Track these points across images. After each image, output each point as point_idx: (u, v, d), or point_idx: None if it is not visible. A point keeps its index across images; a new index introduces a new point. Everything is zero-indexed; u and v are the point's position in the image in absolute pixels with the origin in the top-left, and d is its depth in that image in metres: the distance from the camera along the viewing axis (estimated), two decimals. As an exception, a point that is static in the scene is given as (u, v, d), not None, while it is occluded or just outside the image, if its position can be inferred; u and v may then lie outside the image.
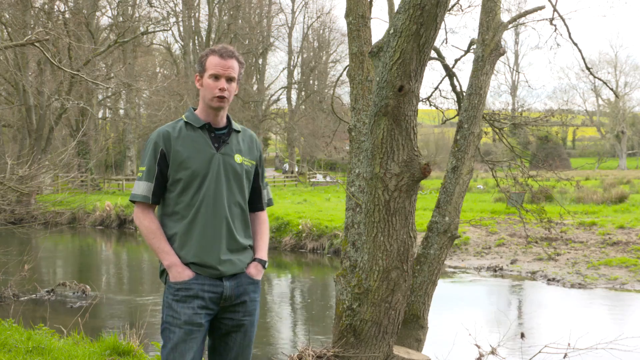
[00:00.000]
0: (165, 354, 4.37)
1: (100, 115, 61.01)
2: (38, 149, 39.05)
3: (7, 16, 36.25)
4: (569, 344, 9.29)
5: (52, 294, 17.63)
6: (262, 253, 4.66)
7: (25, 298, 17.07)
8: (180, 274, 4.31)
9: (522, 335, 10.68)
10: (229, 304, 4.44)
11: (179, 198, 4.39)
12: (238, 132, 4.60)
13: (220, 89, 4.44)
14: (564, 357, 9.29)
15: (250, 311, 4.53)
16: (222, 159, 4.45)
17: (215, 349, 4.54)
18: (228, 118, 4.62)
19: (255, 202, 4.75)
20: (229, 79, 4.47)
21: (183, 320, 4.31)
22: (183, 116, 4.53)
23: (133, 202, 4.41)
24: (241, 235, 4.53)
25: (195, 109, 4.57)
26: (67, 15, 43.73)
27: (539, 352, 9.28)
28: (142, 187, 4.37)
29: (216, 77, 4.44)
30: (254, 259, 4.61)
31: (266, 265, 4.67)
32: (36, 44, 15.29)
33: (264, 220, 4.79)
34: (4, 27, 39.25)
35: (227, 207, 4.45)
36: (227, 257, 4.42)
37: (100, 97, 55.69)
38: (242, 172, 4.54)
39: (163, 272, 4.43)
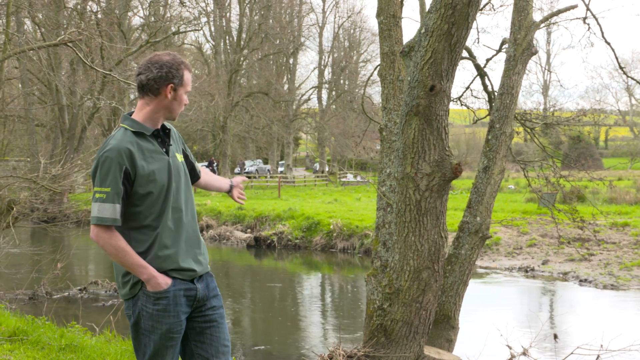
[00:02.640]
0: None
1: (132, 114, 61.37)
2: (70, 148, 39.38)
3: (41, 16, 36.54)
4: (601, 345, 9.23)
5: (84, 292, 17.77)
6: (227, 179, 5.15)
7: (58, 296, 17.22)
8: (160, 284, 4.30)
9: (555, 336, 10.63)
10: (201, 304, 4.49)
11: (148, 210, 4.33)
12: (170, 129, 4.58)
13: (185, 104, 4.50)
14: (597, 359, 9.24)
15: (217, 306, 4.57)
16: (173, 162, 4.44)
17: (193, 352, 4.52)
18: None
19: (193, 181, 4.87)
20: None
21: (165, 329, 4.34)
22: (125, 126, 4.38)
23: (99, 225, 4.26)
24: (198, 228, 4.62)
25: (130, 114, 4.44)
26: (99, 16, 43.97)
27: (572, 353, 9.24)
28: (109, 210, 4.21)
29: (186, 93, 4.47)
30: (232, 185, 5.13)
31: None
32: (69, 44, 15.41)
33: (205, 171, 5.04)
34: (37, 27, 39.60)
35: (187, 208, 4.50)
36: (198, 257, 4.49)
37: (132, 96, 55.91)
38: (185, 169, 4.59)
39: (136, 285, 4.35)
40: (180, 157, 4.55)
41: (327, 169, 76.66)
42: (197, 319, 4.50)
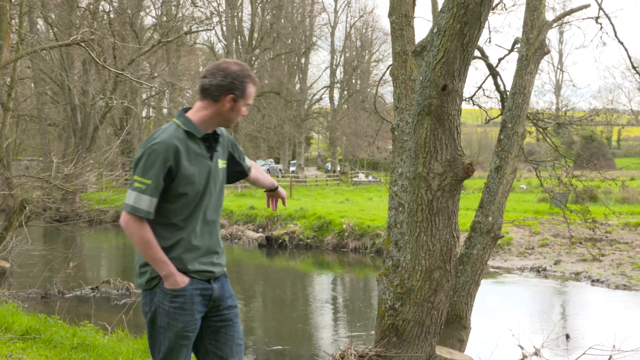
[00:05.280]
0: (162, 357, 4.45)
1: (144, 114, 61.50)
2: (83, 147, 39.47)
3: (53, 16, 36.64)
4: (613, 346, 9.22)
5: (96, 291, 17.81)
6: (275, 182, 5.25)
7: (70, 295, 17.26)
8: (178, 282, 4.33)
9: (567, 337, 10.62)
10: (217, 304, 4.52)
11: (180, 210, 4.36)
12: (219, 135, 4.58)
13: (242, 115, 4.50)
14: (609, 359, 9.21)
15: (233, 306, 4.60)
16: (214, 169, 4.47)
17: (208, 350, 4.57)
18: None
19: (241, 177, 4.96)
20: None
21: (180, 327, 4.38)
22: (179, 122, 4.39)
23: (132, 214, 4.29)
24: (220, 236, 4.66)
25: (186, 111, 4.47)
26: (111, 15, 44.13)
27: (584, 353, 9.22)
28: (146, 202, 4.25)
29: (246, 106, 4.46)
30: (277, 188, 5.23)
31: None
32: (81, 43, 15.46)
33: (256, 167, 5.09)
34: (50, 27, 39.70)
35: (216, 213, 4.54)
36: (216, 261, 4.53)
37: (144, 96, 56.10)
38: (224, 176, 4.62)
39: (153, 280, 4.39)
40: (222, 164, 4.57)
41: (338, 169, 76.66)
42: (213, 318, 4.53)
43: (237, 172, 4.88)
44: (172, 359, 4.44)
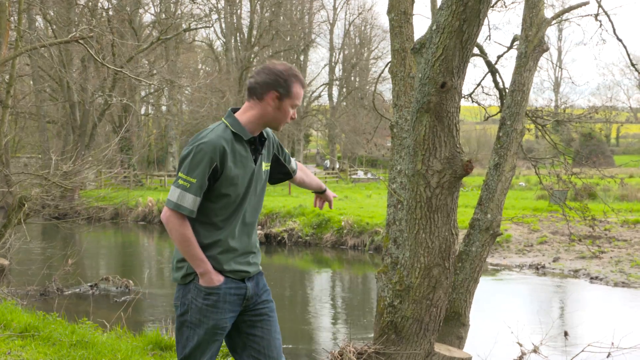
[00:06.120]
0: (187, 352, 4.48)
1: (142, 111, 61.48)
2: (82, 145, 39.44)
3: (52, 14, 36.62)
4: (612, 343, 9.21)
5: (95, 288, 17.81)
6: (322, 185, 5.29)
7: (69, 292, 17.26)
8: (213, 280, 4.38)
9: (566, 334, 10.61)
10: (251, 301, 4.57)
11: (220, 211, 4.40)
12: (266, 139, 4.63)
13: (291, 117, 4.51)
14: (607, 357, 9.21)
15: (268, 300, 4.67)
16: (257, 172, 4.50)
17: (246, 345, 4.60)
18: None
19: (286, 179, 5.01)
20: None
21: (212, 325, 4.42)
22: (227, 123, 4.42)
23: (174, 211, 4.32)
24: (257, 236, 4.72)
25: (234, 111, 4.50)
26: (110, 13, 44.11)
27: (582, 350, 9.21)
28: (189, 201, 4.27)
29: (293, 107, 4.48)
30: (325, 190, 5.27)
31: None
32: (80, 41, 15.44)
33: (302, 170, 5.15)
34: (49, 24, 39.69)
35: (254, 215, 4.59)
36: (252, 260, 4.59)
37: (143, 93, 56.08)
38: (266, 179, 4.67)
39: (189, 275, 4.44)
40: (265, 166, 4.61)
41: (337, 166, 76.65)
42: (249, 313, 4.58)
43: (281, 174, 4.93)
44: (197, 356, 4.49)
